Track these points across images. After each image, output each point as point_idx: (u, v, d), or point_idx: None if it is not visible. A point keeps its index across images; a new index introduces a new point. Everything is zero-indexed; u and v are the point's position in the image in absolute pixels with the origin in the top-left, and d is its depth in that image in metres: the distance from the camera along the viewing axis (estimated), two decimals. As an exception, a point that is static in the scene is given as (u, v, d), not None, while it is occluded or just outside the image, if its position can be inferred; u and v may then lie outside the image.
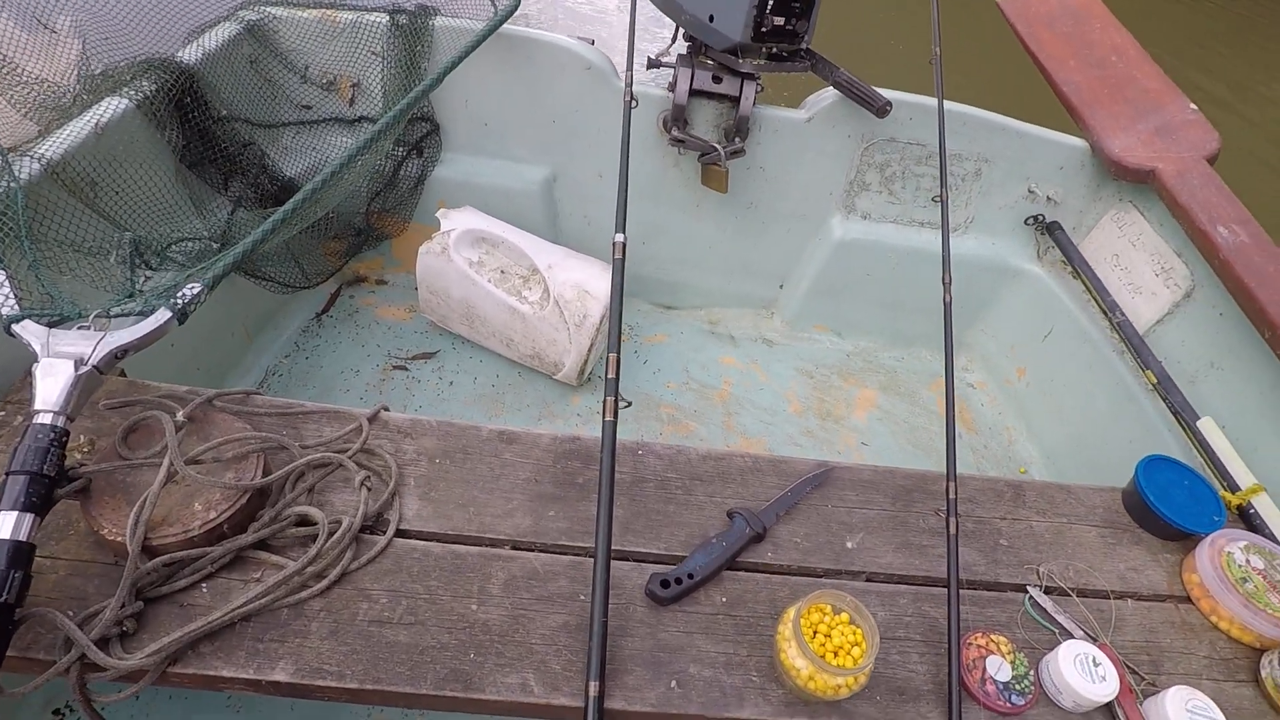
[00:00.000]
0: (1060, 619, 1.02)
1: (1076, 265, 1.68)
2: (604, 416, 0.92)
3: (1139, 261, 1.61)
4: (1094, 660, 0.93)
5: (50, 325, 0.88)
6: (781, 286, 1.95)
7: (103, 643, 0.77)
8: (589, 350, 1.57)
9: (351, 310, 1.81)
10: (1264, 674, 1.00)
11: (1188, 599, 1.09)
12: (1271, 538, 1.17)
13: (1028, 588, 1.05)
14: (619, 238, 1.06)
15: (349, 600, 0.87)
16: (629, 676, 0.86)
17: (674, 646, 0.90)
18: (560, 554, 0.96)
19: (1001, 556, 1.09)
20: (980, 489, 1.17)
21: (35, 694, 0.81)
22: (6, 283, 0.89)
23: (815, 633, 0.86)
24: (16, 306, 0.88)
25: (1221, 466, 1.27)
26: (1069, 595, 1.06)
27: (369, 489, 0.96)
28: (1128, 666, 0.98)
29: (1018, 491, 1.18)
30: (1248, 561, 1.07)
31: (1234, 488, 1.24)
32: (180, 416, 0.92)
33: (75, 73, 1.32)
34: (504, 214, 1.70)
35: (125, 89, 1.26)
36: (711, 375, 1.81)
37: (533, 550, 0.96)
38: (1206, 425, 1.32)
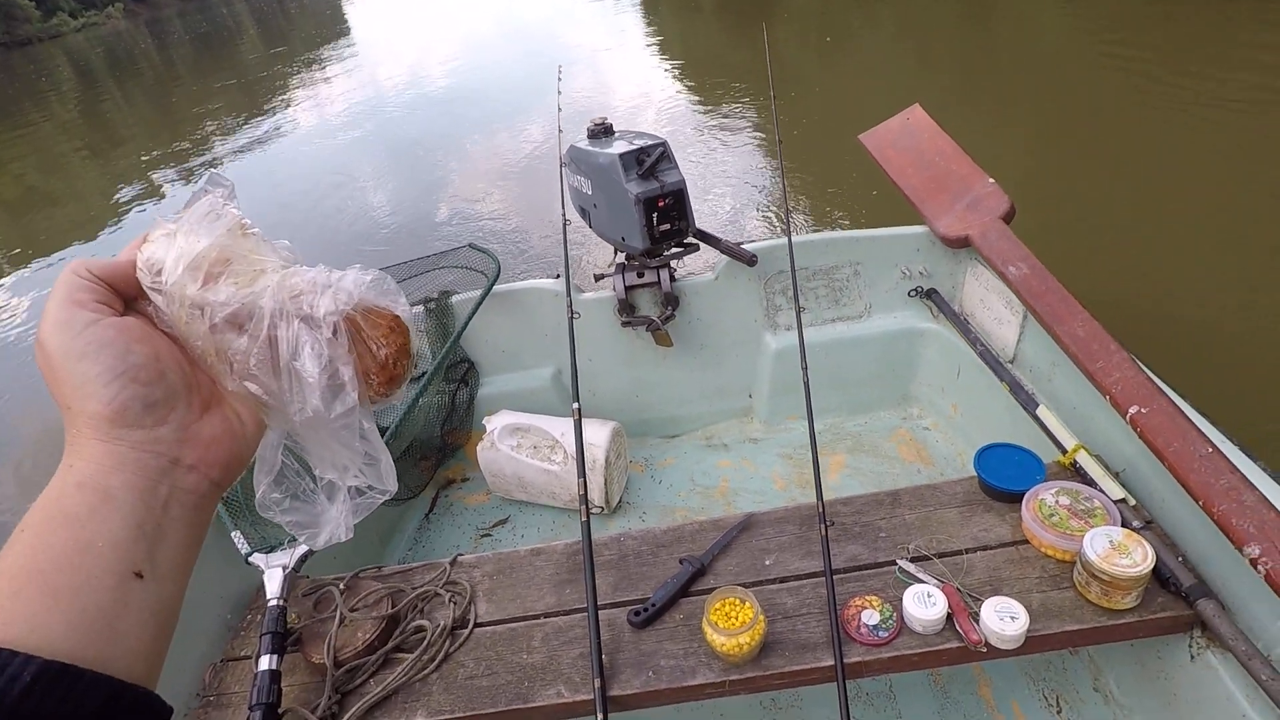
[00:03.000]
0: (920, 576, 1.45)
1: (949, 316, 2.16)
2: (581, 519, 1.49)
3: (994, 301, 2.08)
4: (928, 594, 1.36)
5: (267, 552, 1.56)
6: (750, 396, 2.50)
7: None
8: (605, 484, 2.16)
9: (448, 505, 2.48)
10: (1074, 577, 1.38)
11: (1025, 541, 1.49)
12: (1092, 482, 1.55)
13: (897, 560, 1.49)
14: (575, 405, 1.66)
15: (452, 669, 1.44)
16: (621, 675, 1.37)
17: (650, 652, 1.40)
18: (575, 614, 1.51)
19: (880, 544, 1.53)
20: (866, 503, 1.64)
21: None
22: (241, 537, 1.59)
23: (729, 617, 1.35)
24: (248, 547, 1.57)
25: (1054, 438, 1.67)
26: (930, 559, 1.49)
27: (455, 604, 1.55)
28: (970, 595, 1.39)
29: (894, 498, 1.64)
30: (1056, 501, 1.47)
31: (1065, 452, 1.64)
32: (341, 587, 1.57)
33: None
34: (532, 407, 2.37)
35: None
36: (712, 478, 2.34)
37: (558, 615, 1.51)
38: (1042, 411, 1.74)
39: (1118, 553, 1.30)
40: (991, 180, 2.16)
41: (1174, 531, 1.44)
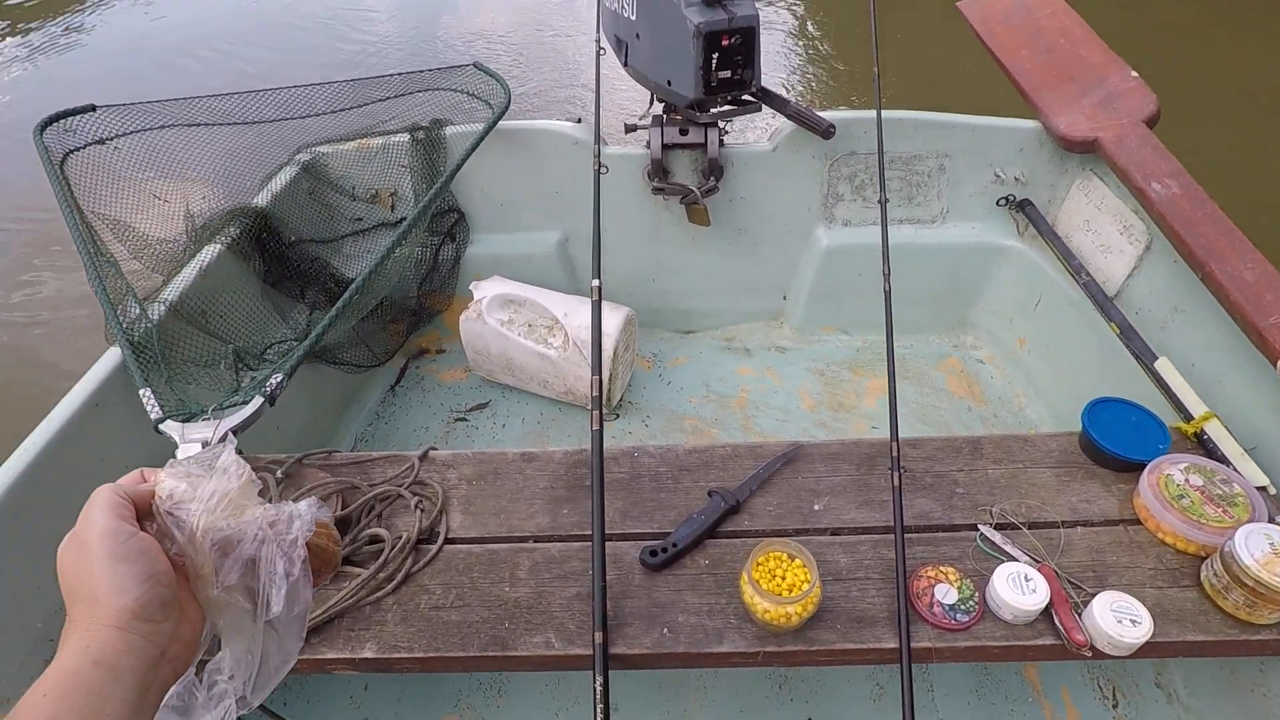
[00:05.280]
0: (1008, 548, 1.17)
1: (1046, 236, 1.80)
2: (591, 426, 1.16)
3: (1105, 224, 1.72)
4: (1025, 577, 1.08)
5: (184, 421, 1.21)
6: (785, 298, 2.15)
7: (243, 638, 1.08)
8: (611, 380, 1.83)
9: (418, 379, 2.14)
10: (1204, 577, 1.11)
11: (1137, 521, 1.21)
12: (1223, 459, 1.26)
13: (979, 525, 1.21)
14: (595, 283, 1.29)
15: (413, 594, 1.14)
16: (629, 628, 1.08)
17: (665, 602, 1.11)
18: (573, 541, 1.21)
19: (956, 502, 1.24)
20: (940, 447, 1.33)
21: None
22: (152, 396, 1.23)
23: (773, 575, 1.06)
24: (160, 412, 1.22)
25: (1177, 400, 1.37)
26: (1019, 528, 1.20)
27: (422, 510, 1.24)
28: (1070, 581, 1.12)
29: (975, 446, 1.33)
30: (1186, 480, 1.18)
31: (1189, 418, 1.34)
32: (279, 474, 1.24)
33: (185, 229, 1.73)
34: (529, 277, 1.99)
35: (218, 235, 1.64)
36: (729, 386, 2.03)
37: (551, 541, 1.21)
38: (1163, 365, 1.42)
39: (1281, 560, 1.02)
40: (1134, 74, 1.75)
41: (1323, 534, 1.16)
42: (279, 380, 1.27)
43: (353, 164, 1.91)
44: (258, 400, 1.24)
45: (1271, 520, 1.15)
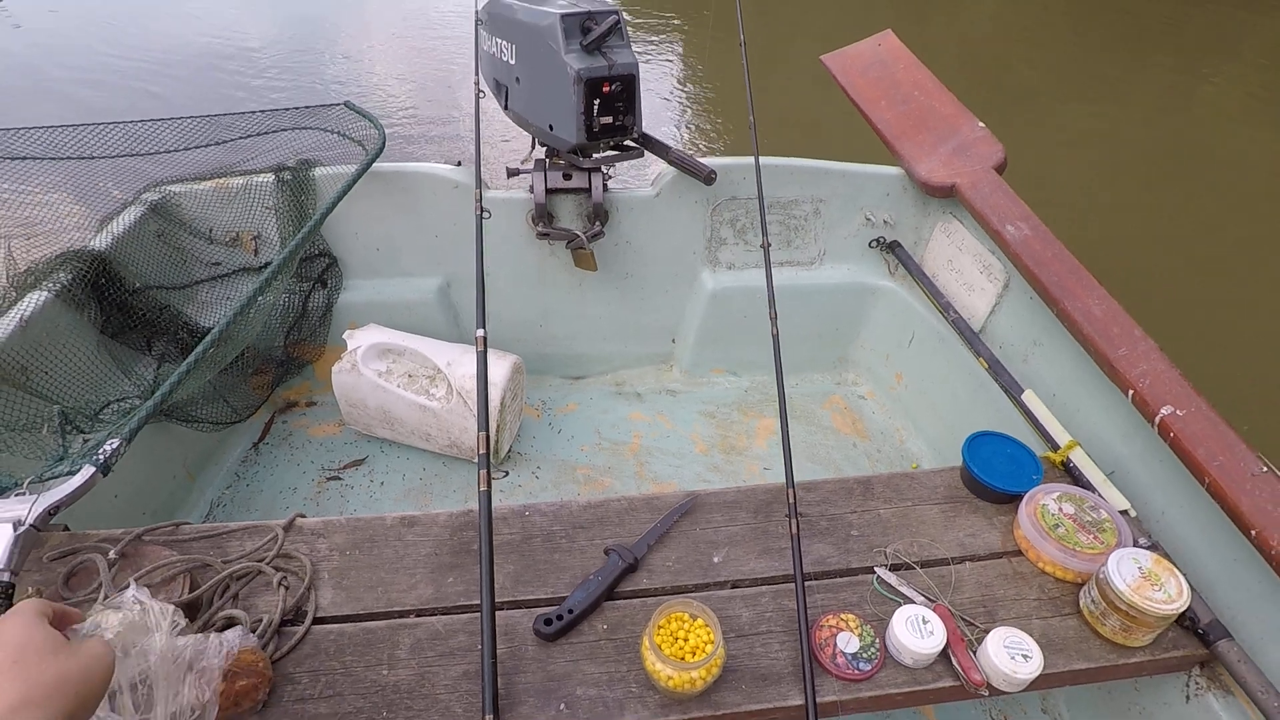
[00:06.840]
0: (904, 590, 1.18)
1: (915, 275, 1.89)
2: (479, 487, 1.07)
3: (967, 263, 1.83)
4: (923, 619, 1.08)
5: (-11, 498, 1.03)
6: (674, 341, 2.15)
7: (59, 761, 0.91)
8: (498, 432, 1.74)
9: (286, 434, 1.96)
10: (1082, 604, 1.16)
11: (1019, 552, 1.25)
12: (1088, 486, 1.34)
13: (875, 568, 1.21)
14: (480, 333, 1.22)
15: (277, 685, 1.01)
16: (522, 707, 1.00)
17: (561, 675, 1.04)
18: (460, 613, 1.11)
19: (852, 545, 1.24)
20: (833, 490, 1.34)
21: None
22: (-51, 469, 1.05)
23: (675, 638, 1.01)
24: (-41, 486, 1.03)
25: (1044, 430, 1.45)
26: (913, 568, 1.22)
27: (286, 588, 1.10)
28: (963, 619, 1.14)
29: (866, 486, 1.35)
30: (1060, 509, 1.24)
31: (1056, 448, 1.42)
32: (112, 554, 1.07)
33: (4, 274, 1.51)
34: (409, 325, 1.89)
35: (45, 281, 1.44)
36: (621, 432, 1.99)
37: (435, 614, 1.11)
38: (1029, 397, 1.51)
39: (1149, 583, 1.07)
40: (982, 125, 1.89)
41: (1178, 555, 1.25)
42: (115, 445, 1.11)
43: (210, 205, 1.75)
44: (88, 469, 1.08)
45: (1136, 544, 1.22)
